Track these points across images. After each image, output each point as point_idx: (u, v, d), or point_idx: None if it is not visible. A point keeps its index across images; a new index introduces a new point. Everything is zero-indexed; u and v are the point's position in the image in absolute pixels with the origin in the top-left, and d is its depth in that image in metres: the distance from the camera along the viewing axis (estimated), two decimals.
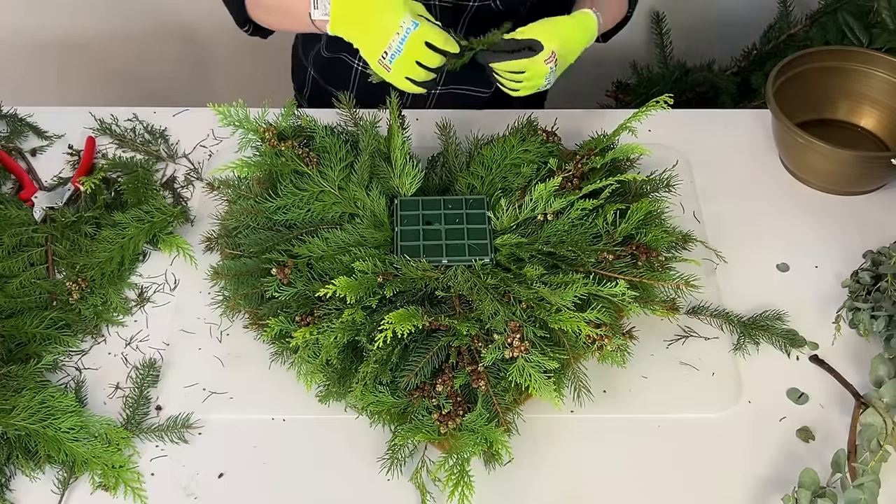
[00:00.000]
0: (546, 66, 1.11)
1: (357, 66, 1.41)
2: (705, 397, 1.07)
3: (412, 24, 1.05)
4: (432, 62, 1.07)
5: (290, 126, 1.20)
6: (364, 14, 1.08)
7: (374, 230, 1.13)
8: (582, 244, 1.10)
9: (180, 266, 1.20)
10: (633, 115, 1.18)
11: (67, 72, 2.09)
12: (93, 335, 1.12)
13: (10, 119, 1.38)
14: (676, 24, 1.96)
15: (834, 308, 1.13)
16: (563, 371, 1.03)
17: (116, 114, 1.39)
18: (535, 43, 1.11)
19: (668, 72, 1.95)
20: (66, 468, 0.99)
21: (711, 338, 1.12)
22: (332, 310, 1.03)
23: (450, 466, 0.95)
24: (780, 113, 1.27)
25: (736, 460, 1.01)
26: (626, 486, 0.99)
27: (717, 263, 1.20)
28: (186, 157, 1.34)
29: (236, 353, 1.10)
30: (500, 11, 1.29)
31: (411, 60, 1.06)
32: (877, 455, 0.95)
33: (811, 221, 1.26)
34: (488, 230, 1.13)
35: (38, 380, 1.04)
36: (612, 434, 1.03)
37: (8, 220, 1.20)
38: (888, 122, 1.36)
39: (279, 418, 1.05)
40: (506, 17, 1.31)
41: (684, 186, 1.28)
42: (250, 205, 1.16)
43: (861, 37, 1.69)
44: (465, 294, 1.06)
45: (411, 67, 1.07)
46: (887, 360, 1.04)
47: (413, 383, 1.01)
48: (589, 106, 1.53)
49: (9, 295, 1.13)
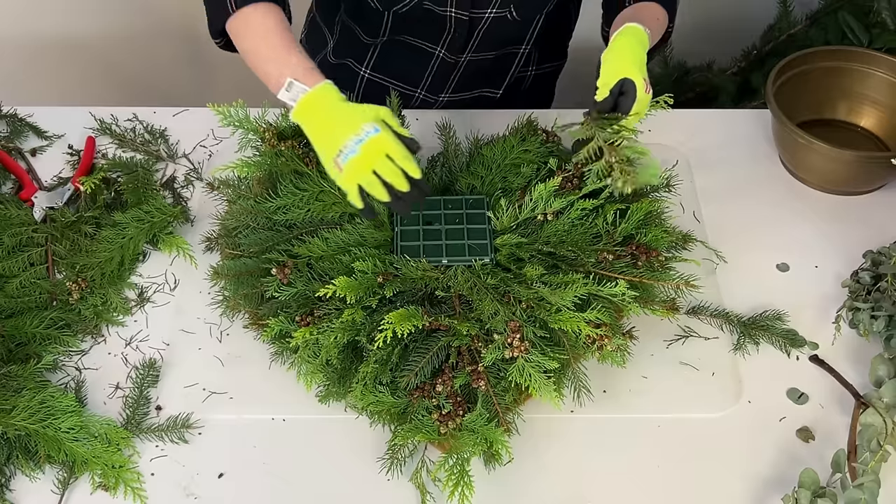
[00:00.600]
0: (647, 94, 1.07)
1: (364, 73, 1.40)
2: (705, 397, 1.06)
3: (373, 130, 0.98)
4: (389, 174, 0.98)
5: (290, 126, 1.20)
6: (331, 113, 1.02)
7: (374, 230, 1.13)
8: (582, 244, 1.10)
9: (180, 266, 1.20)
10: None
11: (67, 72, 2.09)
12: (93, 335, 1.12)
13: (10, 119, 1.38)
14: (676, 24, 1.95)
15: (834, 308, 1.13)
16: (563, 371, 1.03)
17: (116, 114, 1.39)
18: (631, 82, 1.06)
19: (668, 72, 1.95)
20: (66, 468, 0.99)
21: (711, 338, 1.12)
22: (332, 310, 1.03)
23: (450, 466, 0.95)
24: (780, 113, 1.27)
25: (736, 460, 1.01)
26: (626, 486, 0.99)
27: (717, 263, 1.20)
28: (186, 157, 1.34)
29: (236, 353, 1.10)
30: (515, 22, 1.27)
31: (367, 167, 0.98)
32: (877, 455, 0.95)
33: (811, 221, 1.26)
34: (488, 230, 1.13)
35: (38, 380, 1.04)
36: (612, 434, 1.03)
37: (8, 220, 1.20)
38: (888, 122, 1.36)
39: (279, 418, 1.05)
40: (520, 28, 1.29)
41: (684, 186, 1.28)
42: (250, 205, 1.16)
43: (861, 37, 1.69)
44: (465, 294, 1.06)
45: (366, 175, 0.98)
46: (887, 360, 1.04)
47: (413, 383, 1.01)
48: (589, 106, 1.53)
49: (9, 295, 1.13)
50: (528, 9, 1.26)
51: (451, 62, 1.34)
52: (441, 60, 1.34)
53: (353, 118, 1.00)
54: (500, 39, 1.26)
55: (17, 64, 2.05)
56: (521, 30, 1.31)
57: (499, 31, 1.28)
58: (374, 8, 1.27)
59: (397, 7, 1.24)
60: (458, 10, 1.24)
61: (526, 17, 1.28)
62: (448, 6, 1.23)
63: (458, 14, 1.25)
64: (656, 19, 1.21)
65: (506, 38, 1.29)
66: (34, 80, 2.09)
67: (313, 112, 1.03)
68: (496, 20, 1.26)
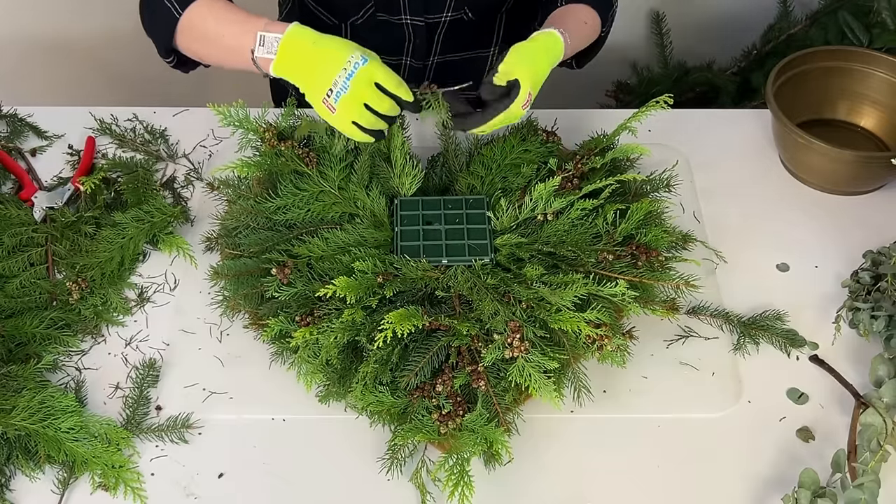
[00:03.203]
0: (523, 110, 1.05)
1: None
2: (705, 397, 1.06)
3: (361, 60, 0.98)
4: (381, 106, 0.99)
5: (289, 126, 1.20)
6: (312, 52, 1.01)
7: (374, 230, 1.13)
8: (582, 244, 1.10)
9: (180, 266, 1.20)
10: (633, 115, 1.18)
11: (68, 72, 2.09)
12: (93, 335, 1.12)
13: (10, 119, 1.38)
14: (676, 24, 1.96)
15: (834, 308, 1.13)
16: (563, 371, 1.03)
17: (116, 114, 1.39)
18: (515, 84, 1.04)
19: (668, 72, 1.96)
20: (66, 468, 0.99)
21: (711, 338, 1.12)
22: (332, 310, 1.03)
23: (450, 466, 0.95)
24: (780, 113, 1.27)
25: (736, 460, 1.01)
26: (627, 486, 0.99)
27: (717, 263, 1.20)
28: (186, 157, 1.34)
29: (236, 353, 1.10)
30: (472, 22, 1.26)
31: (359, 102, 0.99)
32: (877, 455, 0.95)
33: (811, 221, 1.26)
34: (488, 230, 1.13)
35: (38, 380, 1.04)
36: (612, 434, 1.03)
37: (8, 220, 1.20)
38: (888, 122, 1.36)
39: (279, 418, 1.05)
40: (482, 29, 1.29)
41: (684, 186, 1.28)
42: (250, 205, 1.16)
43: (861, 37, 1.70)
44: (465, 294, 1.06)
45: (359, 110, 0.99)
46: (887, 360, 1.04)
47: (413, 383, 1.01)
48: (589, 106, 1.54)
49: (9, 295, 1.13)
50: (483, 9, 1.25)
51: (420, 67, 1.34)
52: (409, 67, 1.33)
53: (337, 53, 0.99)
54: (464, 41, 1.23)
55: (18, 64, 2.05)
56: (484, 31, 1.30)
57: (460, 33, 1.27)
58: (331, 23, 1.26)
59: (353, 19, 1.24)
60: (413, 16, 1.23)
61: (484, 17, 1.26)
62: (403, 13, 1.22)
63: (413, 21, 1.24)
64: (584, 23, 1.18)
65: (469, 41, 1.27)
66: (34, 80, 2.09)
67: (294, 57, 1.02)
68: (453, 23, 1.26)
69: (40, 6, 1.97)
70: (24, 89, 2.06)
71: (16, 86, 2.05)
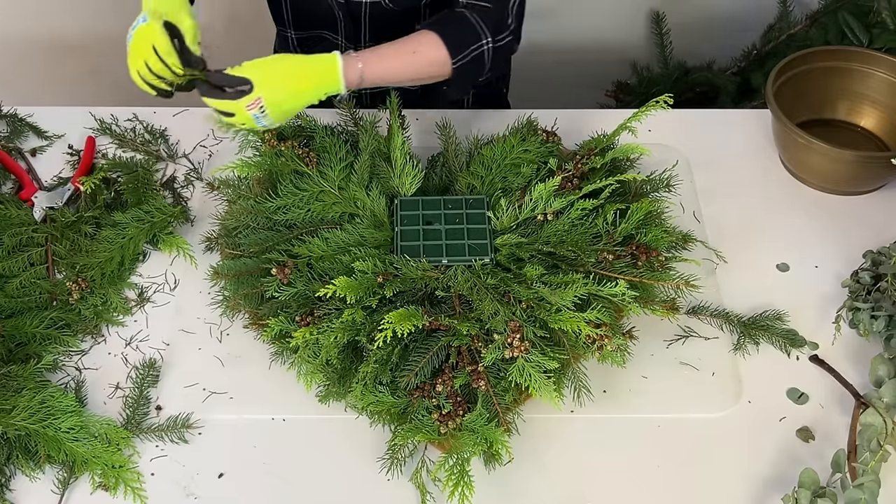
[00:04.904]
0: (247, 111, 1.05)
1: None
2: (705, 397, 1.06)
3: (141, 19, 1.06)
4: (154, 66, 1.05)
5: (289, 126, 1.20)
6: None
7: (374, 230, 1.13)
8: (582, 244, 1.10)
9: (180, 266, 1.20)
10: (633, 115, 1.18)
11: (68, 72, 2.09)
12: (93, 335, 1.12)
13: (10, 119, 1.38)
14: (676, 24, 1.96)
15: (834, 308, 1.13)
16: (563, 371, 1.03)
17: (116, 114, 1.39)
18: (247, 82, 1.04)
19: (668, 72, 1.96)
20: (66, 468, 0.99)
21: (711, 338, 1.12)
22: (332, 310, 1.03)
23: (450, 466, 0.95)
24: (780, 113, 1.27)
25: (736, 460, 1.01)
26: (627, 486, 0.99)
27: (717, 263, 1.20)
28: (186, 157, 1.34)
29: (236, 353, 1.10)
30: (393, 11, 1.28)
31: (139, 56, 1.05)
32: (877, 455, 0.95)
33: (811, 221, 1.26)
34: (488, 230, 1.13)
35: (38, 380, 1.04)
36: (612, 434, 1.03)
37: (8, 220, 1.20)
38: (888, 122, 1.36)
39: (279, 418, 1.05)
40: (401, 17, 1.29)
41: (684, 186, 1.28)
42: (250, 205, 1.16)
43: (861, 37, 1.69)
44: (465, 294, 1.06)
45: (140, 64, 1.06)
46: (887, 360, 1.04)
47: (413, 383, 1.01)
48: (589, 106, 1.54)
49: (9, 295, 1.13)
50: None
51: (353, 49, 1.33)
52: (345, 48, 1.32)
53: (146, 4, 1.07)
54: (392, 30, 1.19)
55: (18, 64, 2.05)
56: (410, 21, 1.28)
57: (385, 21, 1.29)
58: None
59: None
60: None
61: (406, 7, 1.28)
62: None
63: (337, 1, 1.28)
64: (412, 52, 1.13)
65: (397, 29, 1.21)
66: (34, 80, 2.09)
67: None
68: (374, 6, 1.28)
69: (40, 6, 1.97)
70: (24, 89, 2.06)
71: (16, 86, 2.05)
